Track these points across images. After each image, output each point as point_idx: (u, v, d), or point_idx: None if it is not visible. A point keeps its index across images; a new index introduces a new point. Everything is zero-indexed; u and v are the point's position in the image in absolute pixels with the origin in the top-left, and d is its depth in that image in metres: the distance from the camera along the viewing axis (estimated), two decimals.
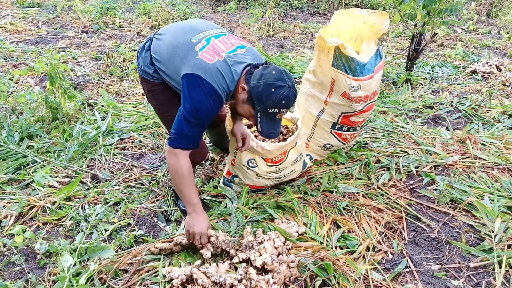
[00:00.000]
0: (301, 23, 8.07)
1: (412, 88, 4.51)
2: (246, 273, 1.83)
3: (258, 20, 7.81)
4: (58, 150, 3.10)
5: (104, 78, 4.58)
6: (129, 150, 3.21)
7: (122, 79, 4.59)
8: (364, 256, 2.09)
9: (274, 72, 1.82)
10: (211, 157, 3.09)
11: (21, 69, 4.50)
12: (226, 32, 2.06)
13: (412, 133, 3.31)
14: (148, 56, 2.09)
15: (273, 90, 1.80)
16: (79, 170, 2.87)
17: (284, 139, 2.52)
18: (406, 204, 2.48)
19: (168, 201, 2.59)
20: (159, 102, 2.23)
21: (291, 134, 2.57)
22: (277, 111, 1.86)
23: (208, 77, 1.82)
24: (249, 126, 2.64)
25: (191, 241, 2.00)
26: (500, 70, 5.07)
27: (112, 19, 7.07)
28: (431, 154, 2.97)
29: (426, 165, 2.82)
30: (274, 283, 1.80)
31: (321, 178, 2.74)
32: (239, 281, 1.78)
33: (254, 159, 2.43)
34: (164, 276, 1.88)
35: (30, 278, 1.96)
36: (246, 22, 7.63)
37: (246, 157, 2.44)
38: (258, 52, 2.11)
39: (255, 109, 1.89)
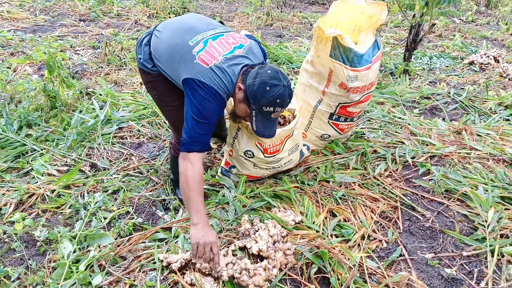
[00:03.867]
0: (300, 12, 8.03)
1: (409, 79, 4.52)
2: (241, 260, 1.87)
3: (257, 9, 7.77)
4: (57, 139, 3.11)
5: (102, 67, 4.57)
6: (127, 139, 3.22)
7: (120, 68, 4.58)
8: (359, 245, 2.13)
9: (269, 71, 1.86)
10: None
11: (19, 58, 4.48)
12: (224, 31, 2.06)
13: (409, 124, 3.34)
14: (147, 51, 2.11)
15: (267, 88, 1.84)
16: (78, 158, 2.89)
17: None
18: (402, 194, 2.51)
19: (167, 189, 2.61)
20: (158, 92, 2.24)
21: (288, 123, 2.59)
22: (271, 110, 1.91)
23: (208, 80, 1.86)
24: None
25: (199, 256, 1.82)
26: (498, 62, 5.08)
27: (109, 7, 7.02)
28: (427, 145, 2.99)
29: (422, 156, 2.84)
30: (274, 267, 1.84)
31: (318, 168, 2.76)
32: (234, 264, 1.83)
33: (251, 150, 2.45)
34: (161, 261, 1.92)
35: (30, 265, 1.99)
36: (245, 11, 7.58)
37: (243, 148, 2.46)
38: (258, 47, 2.12)
39: (251, 108, 1.95)
